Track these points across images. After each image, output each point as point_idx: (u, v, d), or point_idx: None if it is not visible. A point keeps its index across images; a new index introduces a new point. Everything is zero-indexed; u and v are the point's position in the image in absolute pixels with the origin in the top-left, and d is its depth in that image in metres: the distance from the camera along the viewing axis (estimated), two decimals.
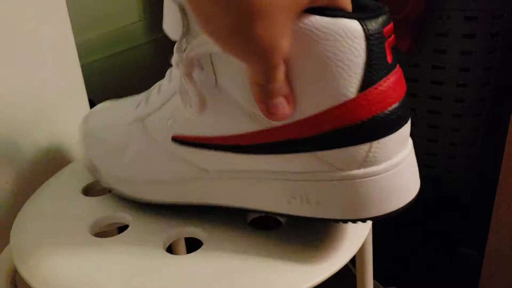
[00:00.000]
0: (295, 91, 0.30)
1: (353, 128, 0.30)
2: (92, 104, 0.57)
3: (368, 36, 0.29)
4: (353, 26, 0.29)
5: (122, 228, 0.41)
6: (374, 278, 0.55)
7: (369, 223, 0.40)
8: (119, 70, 1.00)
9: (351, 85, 0.29)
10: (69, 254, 0.38)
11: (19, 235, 0.41)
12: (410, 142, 0.34)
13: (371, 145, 0.31)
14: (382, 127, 0.30)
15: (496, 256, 0.78)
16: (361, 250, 0.51)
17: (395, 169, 0.32)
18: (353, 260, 0.47)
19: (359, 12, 0.29)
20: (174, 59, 0.33)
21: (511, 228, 0.75)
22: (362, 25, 0.28)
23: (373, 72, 0.29)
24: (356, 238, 0.39)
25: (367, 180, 0.31)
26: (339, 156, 0.31)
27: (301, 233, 0.38)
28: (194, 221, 0.39)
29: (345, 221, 0.33)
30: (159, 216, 0.40)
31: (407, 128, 0.32)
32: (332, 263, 0.36)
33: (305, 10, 0.28)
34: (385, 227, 0.39)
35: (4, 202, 0.48)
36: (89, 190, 0.47)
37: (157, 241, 0.38)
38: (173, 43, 0.34)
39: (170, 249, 0.38)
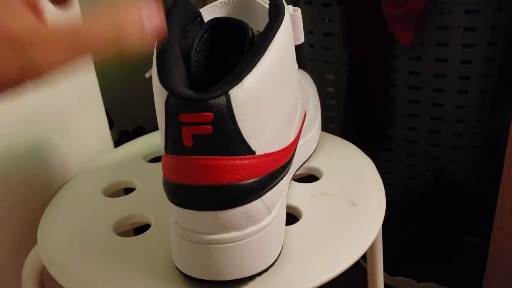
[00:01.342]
0: None
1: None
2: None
3: (166, 107, 0.31)
4: (162, 90, 0.31)
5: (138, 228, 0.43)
6: None
7: (381, 216, 0.42)
8: (122, 69, 1.01)
9: (163, 142, 0.33)
10: (96, 254, 0.39)
11: (46, 236, 0.43)
12: (265, 221, 0.34)
13: (214, 214, 0.32)
14: (178, 197, 0.33)
15: (501, 245, 0.79)
16: (372, 244, 0.53)
17: (239, 242, 0.33)
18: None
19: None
20: None
21: None
22: (168, 97, 0.30)
23: (168, 142, 0.32)
24: (368, 231, 0.40)
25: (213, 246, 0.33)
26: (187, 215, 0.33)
27: (318, 228, 0.40)
28: None
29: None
30: None
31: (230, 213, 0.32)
32: (345, 257, 0.38)
33: None
34: (390, 218, 0.40)
35: (28, 203, 0.50)
36: (109, 191, 0.48)
37: None
38: None
39: None
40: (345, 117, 1.05)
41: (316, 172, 0.48)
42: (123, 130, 0.97)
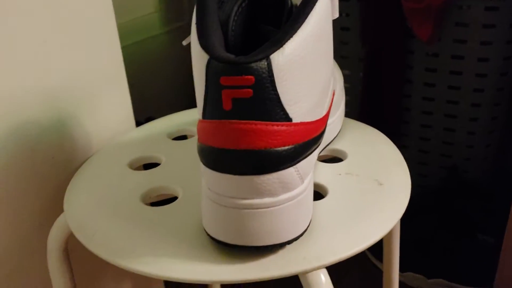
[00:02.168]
0: None
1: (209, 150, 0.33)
2: None
3: (207, 71, 0.31)
4: (202, 54, 0.31)
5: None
6: None
7: (407, 196, 0.42)
8: (135, 60, 1.02)
9: (200, 108, 0.33)
10: (125, 221, 0.40)
11: (73, 205, 0.43)
12: (298, 189, 0.34)
13: (250, 178, 0.32)
14: (214, 162, 0.33)
15: None
16: (389, 239, 0.54)
17: (273, 208, 0.33)
18: (378, 254, 0.49)
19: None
20: None
21: None
22: (209, 60, 0.31)
23: (207, 107, 0.32)
24: (395, 209, 0.40)
25: (248, 211, 0.33)
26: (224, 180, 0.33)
27: (345, 205, 0.40)
28: None
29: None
30: None
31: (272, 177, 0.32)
32: (373, 233, 0.38)
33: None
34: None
35: (53, 174, 0.50)
36: (134, 165, 0.49)
37: None
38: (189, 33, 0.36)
39: None
40: (360, 113, 1.06)
41: (340, 154, 0.48)
42: (135, 121, 0.98)
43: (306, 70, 0.33)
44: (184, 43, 0.39)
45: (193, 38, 0.33)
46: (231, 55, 0.31)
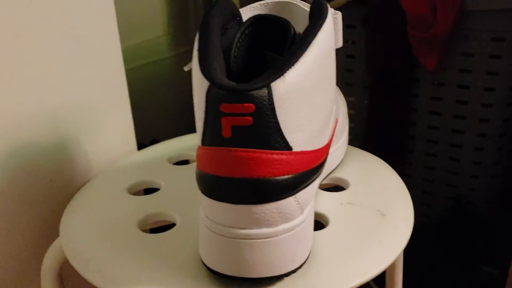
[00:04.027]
0: None
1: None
2: None
3: (207, 98, 0.31)
4: (203, 80, 0.31)
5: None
6: None
7: (409, 227, 0.41)
8: (141, 83, 1.02)
9: (200, 134, 0.33)
10: (120, 248, 0.39)
11: (69, 229, 0.42)
12: (297, 220, 0.34)
13: (248, 207, 0.32)
14: (212, 190, 0.32)
15: None
16: (392, 271, 0.53)
17: (271, 238, 0.33)
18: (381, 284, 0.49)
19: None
20: None
21: None
22: (209, 86, 0.30)
23: (206, 134, 0.32)
24: (397, 242, 0.40)
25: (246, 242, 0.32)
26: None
27: (346, 235, 0.40)
28: None
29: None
30: None
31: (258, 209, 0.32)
32: (374, 265, 0.37)
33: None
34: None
35: (50, 199, 0.49)
36: (133, 189, 0.48)
37: None
38: None
39: None
40: (365, 140, 1.05)
41: (343, 183, 0.48)
42: (139, 143, 0.97)
43: (308, 98, 0.32)
44: (186, 68, 0.40)
45: (195, 64, 0.33)
46: (231, 82, 0.31)
